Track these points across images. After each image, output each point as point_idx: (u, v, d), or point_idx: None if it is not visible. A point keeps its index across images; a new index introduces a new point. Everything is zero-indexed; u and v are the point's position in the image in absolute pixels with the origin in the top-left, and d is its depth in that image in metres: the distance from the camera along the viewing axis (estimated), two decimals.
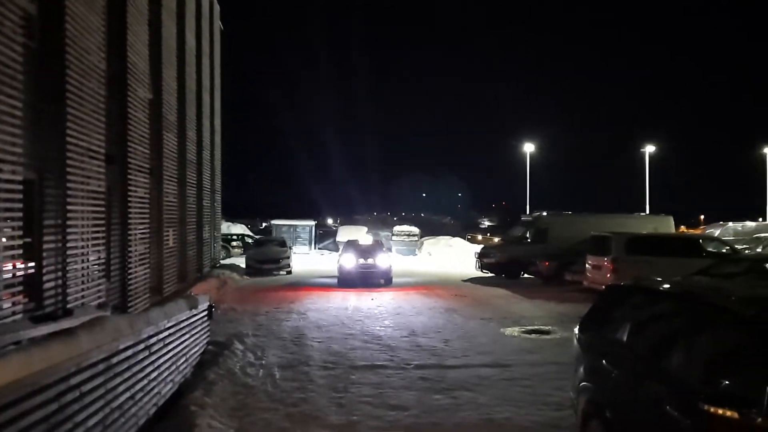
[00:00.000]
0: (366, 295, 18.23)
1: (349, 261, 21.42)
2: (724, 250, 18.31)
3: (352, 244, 22.97)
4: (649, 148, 43.44)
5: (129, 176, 12.02)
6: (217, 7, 27.66)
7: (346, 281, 21.01)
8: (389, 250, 23.09)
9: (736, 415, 3.52)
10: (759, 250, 22.71)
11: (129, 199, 12.03)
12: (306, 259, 32.77)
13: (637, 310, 5.46)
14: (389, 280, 21.52)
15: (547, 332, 12.45)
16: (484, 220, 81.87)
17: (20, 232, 7.41)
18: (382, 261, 21.64)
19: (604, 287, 7.10)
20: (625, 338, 5.31)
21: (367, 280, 20.99)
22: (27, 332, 5.49)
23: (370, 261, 21.41)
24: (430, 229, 46.07)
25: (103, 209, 10.14)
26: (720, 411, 3.59)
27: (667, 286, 5.23)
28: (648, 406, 4.56)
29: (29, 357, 3.93)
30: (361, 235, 40.37)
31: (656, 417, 4.34)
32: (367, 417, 7.10)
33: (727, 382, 3.95)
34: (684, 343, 4.39)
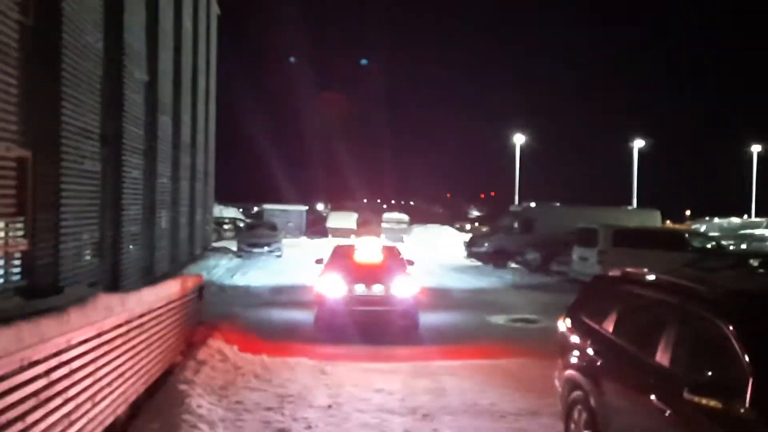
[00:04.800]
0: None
1: (338, 288, 11.00)
2: (709, 246, 18.56)
3: (343, 255, 12.32)
4: (638, 143, 43.62)
5: (123, 157, 12.01)
6: None
7: (331, 328, 10.92)
8: (411, 263, 12.88)
9: (719, 405, 3.57)
10: (744, 246, 22.94)
11: (123, 179, 12.03)
12: (296, 246, 32.61)
13: (623, 299, 5.53)
14: (415, 325, 11.21)
15: (533, 321, 12.60)
16: (473, 209, 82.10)
17: (13, 209, 7.43)
18: (400, 288, 11.08)
19: (591, 278, 7.19)
20: (611, 327, 5.39)
21: (372, 326, 10.83)
22: (19, 307, 5.53)
23: (377, 289, 11.01)
24: (420, 217, 46.18)
25: (96, 189, 10.16)
26: (704, 401, 3.65)
27: (653, 276, 5.32)
28: (632, 395, 4.65)
29: (19, 332, 3.95)
30: (352, 222, 40.41)
31: (641, 406, 4.43)
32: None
33: (711, 373, 4.04)
34: (669, 334, 4.46)
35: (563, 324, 6.34)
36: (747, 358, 3.66)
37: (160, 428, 5.80)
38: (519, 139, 45.97)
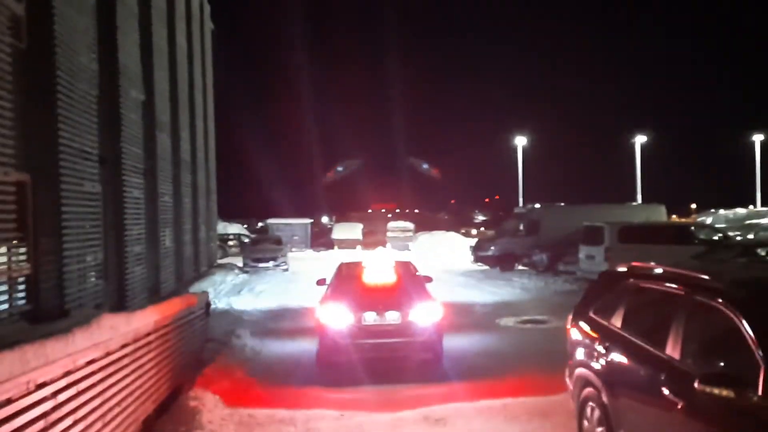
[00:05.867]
0: None
1: (344, 317, 9.15)
2: (716, 238, 18.51)
3: (349, 275, 10.36)
4: (640, 138, 43.57)
5: (123, 177, 12.02)
6: (207, 8, 27.58)
7: (335, 366, 9.18)
8: (429, 279, 10.86)
9: (732, 394, 3.56)
10: (751, 236, 22.87)
11: (124, 200, 12.03)
12: (302, 259, 32.56)
13: (630, 294, 5.51)
14: (438, 357, 9.43)
15: (542, 322, 12.56)
16: (478, 214, 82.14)
17: (15, 234, 7.43)
18: (420, 313, 9.23)
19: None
20: (619, 323, 5.36)
21: (385, 362, 9.21)
22: (24, 332, 5.50)
23: (391, 316, 9.17)
24: (425, 225, 46.15)
25: (98, 210, 10.15)
26: (716, 391, 3.64)
27: (660, 269, 5.28)
28: (644, 389, 4.61)
29: (24, 355, 3.92)
30: (357, 233, 40.32)
31: (653, 400, 4.39)
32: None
33: (722, 363, 4.00)
34: (678, 326, 4.43)
35: (571, 321, 6.31)
36: (758, 347, 3.63)
37: None
38: (521, 141, 46.00)
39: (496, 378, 8.45)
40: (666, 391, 4.23)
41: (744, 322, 3.82)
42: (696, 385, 3.78)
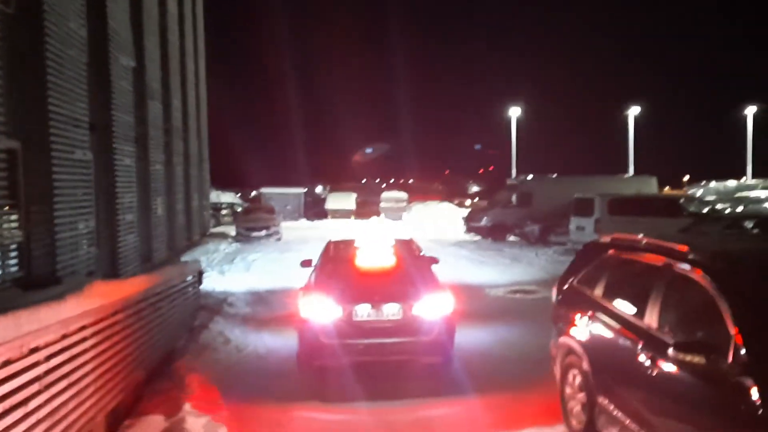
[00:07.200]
0: None
1: (331, 311, 7.25)
2: (705, 210, 18.71)
3: (339, 258, 8.35)
4: (633, 110, 43.42)
5: (114, 145, 11.97)
6: None
7: (320, 373, 7.44)
8: (435, 261, 9.45)
9: (703, 360, 3.70)
10: (740, 209, 23.04)
11: (115, 167, 12.00)
12: (296, 228, 32.61)
13: (612, 264, 5.63)
14: (448, 360, 7.54)
15: (531, 292, 12.72)
16: (472, 185, 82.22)
17: (6, 201, 7.45)
18: (426, 306, 7.33)
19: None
20: (601, 292, 5.49)
21: (382, 367, 7.54)
22: (17, 299, 5.58)
23: (391, 310, 7.28)
24: (418, 195, 46.18)
25: (89, 178, 10.14)
26: (688, 358, 3.77)
27: (641, 240, 5.38)
28: (623, 357, 4.75)
29: (18, 320, 4.01)
30: (351, 203, 40.32)
31: (631, 367, 4.53)
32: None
33: (695, 332, 4.14)
34: (656, 296, 4.56)
35: (556, 291, 6.44)
36: (730, 316, 3.75)
37: (162, 410, 5.89)
38: (515, 112, 45.80)
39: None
40: (643, 359, 4.37)
41: (719, 292, 3.93)
42: (670, 352, 3.92)
